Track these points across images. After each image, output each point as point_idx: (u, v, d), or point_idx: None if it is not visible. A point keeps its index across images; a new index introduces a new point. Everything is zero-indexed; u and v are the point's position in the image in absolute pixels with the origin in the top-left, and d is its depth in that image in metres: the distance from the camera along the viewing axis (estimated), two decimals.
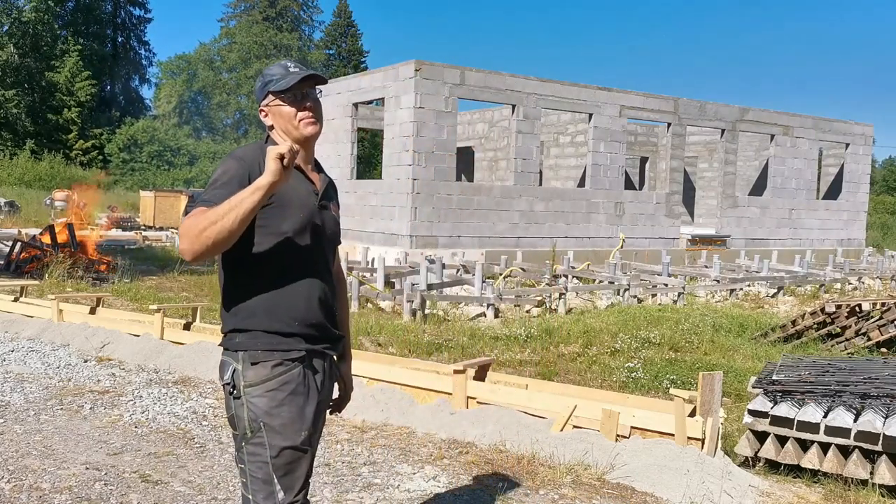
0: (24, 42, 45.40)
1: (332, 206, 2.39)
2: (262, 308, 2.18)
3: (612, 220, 18.75)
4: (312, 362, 2.27)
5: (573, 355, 8.24)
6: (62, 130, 46.46)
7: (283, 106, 2.25)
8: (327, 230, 2.33)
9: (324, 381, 2.32)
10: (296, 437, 2.18)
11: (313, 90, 2.30)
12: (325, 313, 2.29)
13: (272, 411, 2.15)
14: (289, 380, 2.18)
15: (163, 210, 27.42)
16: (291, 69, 2.27)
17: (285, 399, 2.17)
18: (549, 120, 23.98)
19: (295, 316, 2.20)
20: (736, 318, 10.65)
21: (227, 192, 2.04)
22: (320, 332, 2.27)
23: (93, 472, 3.99)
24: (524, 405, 5.09)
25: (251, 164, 2.16)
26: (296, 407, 2.19)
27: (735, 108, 20.86)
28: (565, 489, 4.06)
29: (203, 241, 1.96)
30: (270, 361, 2.17)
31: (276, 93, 2.25)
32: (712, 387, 4.56)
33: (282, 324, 2.18)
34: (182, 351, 6.65)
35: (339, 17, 65.02)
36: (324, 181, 2.37)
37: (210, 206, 2.02)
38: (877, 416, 4.57)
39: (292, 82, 2.22)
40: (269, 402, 2.16)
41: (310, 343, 2.24)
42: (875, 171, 44.85)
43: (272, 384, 2.16)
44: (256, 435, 2.15)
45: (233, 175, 2.13)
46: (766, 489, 4.36)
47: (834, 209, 23.47)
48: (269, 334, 2.18)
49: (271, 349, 2.18)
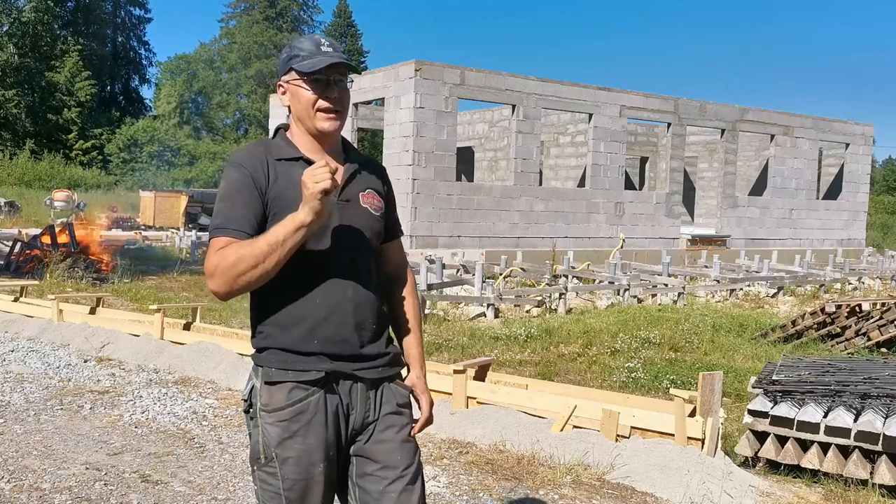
0: (24, 42, 45.43)
1: (365, 196, 2.04)
2: (278, 323, 1.94)
3: (612, 220, 18.75)
4: (338, 386, 1.97)
5: (573, 355, 8.24)
6: (62, 130, 46.48)
7: (304, 89, 1.95)
8: (356, 227, 2.00)
9: (355, 407, 2.00)
10: (311, 469, 1.94)
11: (344, 79, 1.98)
12: (359, 326, 1.97)
13: (285, 443, 1.93)
14: (303, 409, 1.93)
15: (163, 210, 27.42)
16: (323, 48, 1.95)
17: (299, 430, 1.93)
18: (549, 120, 23.98)
19: (313, 332, 1.92)
20: (736, 318, 10.64)
21: (234, 208, 1.88)
22: (349, 349, 1.96)
23: (93, 472, 3.98)
24: (524, 405, 5.09)
25: (253, 167, 1.93)
26: (313, 438, 1.93)
27: (735, 108, 20.86)
28: (565, 489, 4.06)
29: (242, 284, 1.82)
30: (286, 384, 1.93)
31: (299, 72, 1.95)
32: (712, 387, 4.56)
33: (297, 340, 1.93)
34: (182, 351, 6.65)
35: (339, 17, 65.09)
36: (350, 170, 2.04)
37: (232, 235, 1.84)
38: (877, 416, 4.57)
39: (319, 66, 1.92)
40: (282, 433, 1.93)
41: (331, 363, 1.94)
42: (875, 171, 44.85)
43: (284, 414, 1.93)
44: (269, 464, 1.94)
45: (236, 187, 1.91)
46: (766, 489, 4.36)
47: (834, 209, 23.47)
48: (283, 352, 1.94)
49: (285, 368, 1.93)
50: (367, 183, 2.07)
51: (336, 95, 1.95)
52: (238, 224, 1.86)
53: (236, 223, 1.87)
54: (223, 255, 1.82)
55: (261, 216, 1.90)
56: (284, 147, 2.00)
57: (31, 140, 44.34)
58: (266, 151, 1.98)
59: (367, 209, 2.03)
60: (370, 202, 2.05)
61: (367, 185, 2.07)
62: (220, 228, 1.87)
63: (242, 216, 1.87)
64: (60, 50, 48.00)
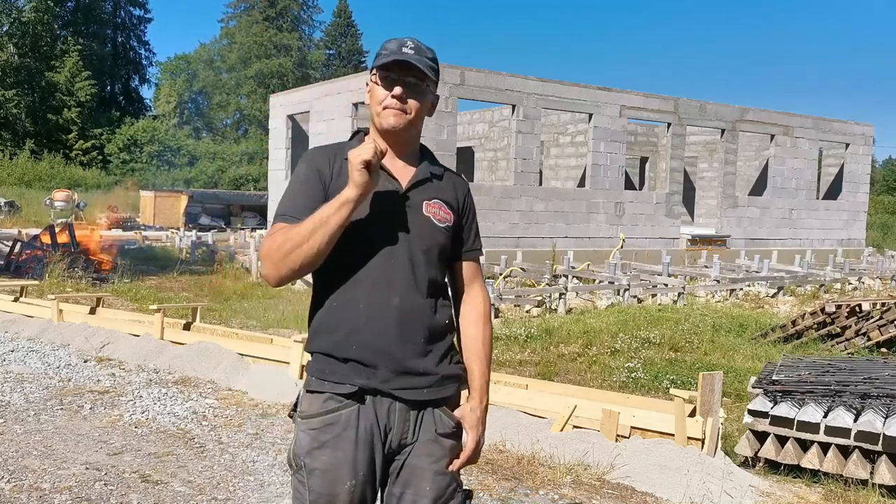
0: (24, 42, 45.43)
1: (430, 205, 1.97)
2: (323, 326, 1.92)
3: (612, 220, 18.74)
4: (375, 404, 1.89)
5: (573, 355, 8.24)
6: (62, 130, 46.47)
7: (376, 85, 1.94)
8: (413, 235, 1.92)
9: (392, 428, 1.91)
10: (336, 485, 1.86)
11: (419, 83, 1.92)
12: (403, 338, 1.88)
13: (313, 453, 1.89)
14: (334, 421, 1.88)
15: (163, 210, 27.44)
16: (405, 48, 1.92)
17: (328, 442, 1.88)
18: (549, 120, 23.98)
19: (351, 336, 1.87)
20: (736, 318, 10.64)
21: (295, 198, 1.89)
22: (390, 361, 1.87)
23: (93, 472, 3.98)
24: (524, 405, 5.09)
25: (320, 161, 1.94)
26: (341, 453, 1.87)
27: (735, 108, 20.86)
28: (565, 489, 4.06)
29: (289, 266, 1.80)
30: (322, 394, 1.90)
31: (373, 67, 1.95)
32: (712, 387, 4.56)
33: (336, 345, 1.88)
34: (182, 351, 6.65)
35: (339, 17, 65.09)
36: (419, 175, 1.98)
37: (287, 221, 1.84)
38: (877, 416, 4.57)
39: (385, 60, 1.90)
40: (312, 443, 1.89)
41: (367, 378, 1.87)
42: (875, 171, 44.83)
43: (315, 422, 1.90)
44: (299, 472, 1.92)
45: (301, 179, 1.92)
46: (766, 489, 4.36)
47: (834, 209, 23.47)
48: (324, 357, 1.91)
49: (322, 378, 1.90)
50: (437, 193, 2.00)
51: (401, 93, 1.91)
52: (296, 212, 1.86)
53: (294, 211, 1.86)
54: (273, 237, 1.83)
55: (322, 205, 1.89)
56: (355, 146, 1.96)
57: (31, 140, 44.32)
58: (337, 149, 1.98)
59: (430, 218, 1.95)
60: (435, 212, 1.97)
61: (436, 194, 1.99)
62: (278, 216, 1.88)
63: (303, 205, 1.87)
64: (60, 50, 48.00)
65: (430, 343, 1.92)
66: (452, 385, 1.99)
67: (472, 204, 2.11)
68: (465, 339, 2.06)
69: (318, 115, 19.69)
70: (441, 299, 1.99)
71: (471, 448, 2.01)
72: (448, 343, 1.99)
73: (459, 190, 2.06)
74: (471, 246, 2.08)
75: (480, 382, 2.05)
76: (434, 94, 1.99)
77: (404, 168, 1.98)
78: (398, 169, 1.97)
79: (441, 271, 2.00)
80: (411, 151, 2.02)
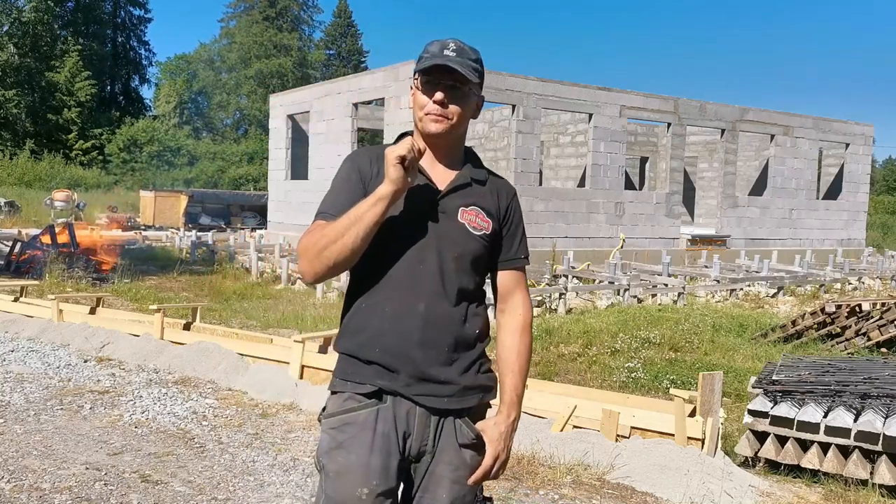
0: (24, 42, 45.42)
1: (466, 212, 1.91)
2: (350, 327, 1.92)
3: (612, 220, 18.74)
4: (395, 407, 1.87)
5: (573, 355, 8.24)
6: (62, 130, 46.47)
7: (418, 90, 1.91)
8: (445, 242, 1.88)
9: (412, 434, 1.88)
10: (350, 490, 1.82)
11: (461, 86, 1.88)
12: (425, 345, 1.85)
13: (331, 453, 1.87)
14: (351, 421, 1.86)
15: (163, 210, 27.44)
16: (447, 51, 1.87)
17: (344, 443, 1.85)
18: (549, 120, 23.98)
19: (374, 339, 1.86)
20: (736, 318, 10.64)
21: (335, 196, 1.90)
22: (410, 366, 1.85)
23: (93, 472, 3.98)
24: (524, 405, 5.08)
25: (362, 161, 1.94)
26: (354, 456, 1.83)
27: (735, 108, 20.85)
28: (565, 489, 4.06)
29: (324, 262, 1.80)
30: (343, 394, 1.89)
31: (417, 72, 1.91)
32: (712, 387, 4.56)
33: (360, 346, 1.87)
34: (182, 351, 6.65)
35: (339, 17, 65.08)
36: (458, 180, 1.94)
37: (326, 218, 1.85)
38: (877, 416, 4.57)
39: (424, 65, 1.86)
40: (330, 443, 1.88)
41: (389, 381, 1.85)
42: (875, 171, 44.84)
43: (334, 422, 1.88)
44: (321, 474, 1.89)
45: (342, 178, 1.93)
46: (766, 489, 4.36)
47: (834, 209, 23.47)
48: (349, 358, 1.90)
49: (345, 378, 1.90)
50: (475, 199, 1.94)
51: (442, 98, 1.87)
52: (335, 209, 1.86)
53: (333, 208, 1.87)
54: (310, 234, 1.84)
55: None
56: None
57: (31, 140, 44.31)
58: (380, 150, 1.95)
59: (465, 225, 1.91)
60: (471, 219, 1.92)
61: (474, 201, 1.94)
62: (318, 214, 1.89)
63: (341, 203, 1.87)
64: (60, 50, 47.99)
65: (456, 352, 1.89)
66: (475, 396, 1.94)
67: (518, 210, 2.04)
68: (501, 349, 2.01)
69: (318, 115, 19.69)
70: (474, 307, 1.96)
71: (487, 464, 1.93)
72: (477, 353, 1.95)
73: (502, 196, 2.00)
74: (512, 255, 2.02)
75: (510, 396, 1.98)
76: (478, 96, 1.95)
77: (444, 172, 1.94)
78: (438, 173, 1.94)
79: (475, 279, 1.95)
80: (454, 156, 1.98)
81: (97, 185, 38.94)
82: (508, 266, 2.02)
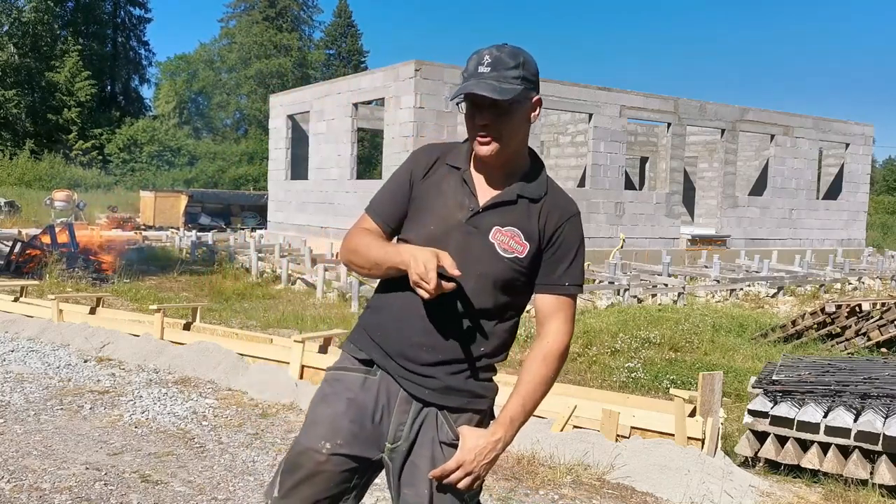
0: (24, 42, 45.41)
1: (500, 232, 1.84)
2: (371, 305, 2.01)
3: (612, 220, 18.74)
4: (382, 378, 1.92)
5: (573, 355, 8.24)
6: (62, 130, 46.45)
7: (465, 113, 1.87)
8: (471, 259, 1.82)
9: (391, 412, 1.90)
10: (314, 441, 1.88)
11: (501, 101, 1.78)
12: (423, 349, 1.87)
13: (314, 402, 1.97)
14: (340, 378, 1.95)
15: (163, 210, 27.42)
16: (480, 68, 1.80)
17: (328, 396, 1.93)
18: (549, 120, 23.98)
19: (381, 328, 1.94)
20: (736, 318, 10.64)
21: (384, 193, 2.00)
22: (402, 362, 1.89)
23: (93, 473, 3.98)
24: None
25: (419, 161, 1.96)
26: (331, 410, 1.90)
27: (735, 108, 20.86)
28: (565, 489, 4.06)
29: (352, 266, 1.98)
30: (345, 354, 2.01)
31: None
32: (712, 387, 4.56)
33: (369, 325, 1.98)
34: (182, 351, 6.65)
35: (339, 17, 65.05)
36: (500, 197, 1.87)
37: (369, 213, 1.99)
38: (877, 416, 4.57)
39: (455, 94, 1.82)
40: (318, 394, 1.97)
41: (381, 358, 1.92)
42: (875, 171, 44.84)
43: (328, 375, 1.99)
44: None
45: (395, 176, 2.00)
46: (767, 489, 4.36)
47: (834, 209, 23.47)
48: (359, 327, 2.02)
49: (351, 341, 2.00)
50: (515, 219, 1.86)
51: (486, 122, 1.81)
52: (378, 209, 1.99)
53: (377, 207, 2.00)
54: (352, 234, 1.98)
55: (402, 209, 1.96)
56: (459, 155, 1.95)
57: (31, 140, 44.28)
58: (445, 151, 1.98)
59: (494, 246, 1.84)
60: (503, 240, 1.84)
61: (513, 221, 1.86)
62: (368, 206, 2.02)
63: (386, 203, 1.99)
64: (60, 50, 47.96)
65: (453, 362, 1.87)
66: (461, 397, 1.89)
67: (572, 234, 1.92)
68: (520, 372, 1.94)
69: (318, 115, 19.69)
70: (491, 325, 1.89)
71: (448, 466, 1.83)
72: (476, 364, 1.90)
73: (553, 217, 1.89)
74: (554, 280, 1.91)
75: (503, 417, 1.87)
76: (529, 101, 1.86)
77: (494, 186, 1.89)
78: (485, 187, 1.89)
79: (500, 298, 1.87)
80: (511, 168, 1.91)
81: (97, 186, 38.92)
82: (547, 290, 1.92)
